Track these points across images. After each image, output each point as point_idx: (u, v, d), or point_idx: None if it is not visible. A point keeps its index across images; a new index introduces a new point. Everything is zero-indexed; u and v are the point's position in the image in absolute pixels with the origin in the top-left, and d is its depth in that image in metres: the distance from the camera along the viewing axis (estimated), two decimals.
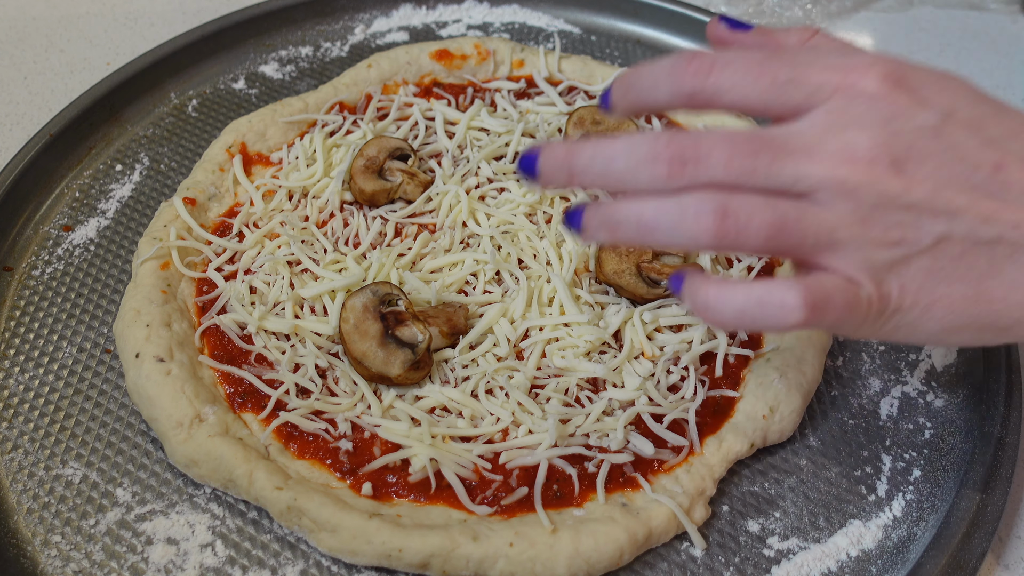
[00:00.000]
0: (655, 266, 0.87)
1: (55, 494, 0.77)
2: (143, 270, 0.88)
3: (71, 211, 1.01)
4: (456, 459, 0.76)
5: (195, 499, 0.77)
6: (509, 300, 0.87)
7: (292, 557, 0.74)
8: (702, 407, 0.81)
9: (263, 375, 0.82)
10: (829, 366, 0.88)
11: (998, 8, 1.38)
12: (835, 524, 0.77)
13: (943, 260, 0.54)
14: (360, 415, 0.80)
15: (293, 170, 1.01)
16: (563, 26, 1.29)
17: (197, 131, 1.12)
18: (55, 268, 0.95)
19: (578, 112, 1.03)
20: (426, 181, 0.98)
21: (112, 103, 1.11)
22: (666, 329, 0.87)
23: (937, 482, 0.80)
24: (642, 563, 0.74)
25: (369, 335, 0.80)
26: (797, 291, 0.53)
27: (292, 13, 1.26)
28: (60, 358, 0.87)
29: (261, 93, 1.17)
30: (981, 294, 0.55)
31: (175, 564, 0.73)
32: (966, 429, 0.83)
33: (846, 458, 0.81)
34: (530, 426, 0.79)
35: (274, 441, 0.78)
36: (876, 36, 1.35)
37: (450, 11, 1.30)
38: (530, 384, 0.82)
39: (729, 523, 0.77)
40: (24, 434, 0.81)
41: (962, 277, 0.55)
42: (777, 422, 0.80)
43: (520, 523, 0.72)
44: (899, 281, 0.55)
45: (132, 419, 0.83)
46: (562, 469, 0.76)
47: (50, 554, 0.73)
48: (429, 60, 1.15)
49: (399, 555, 0.70)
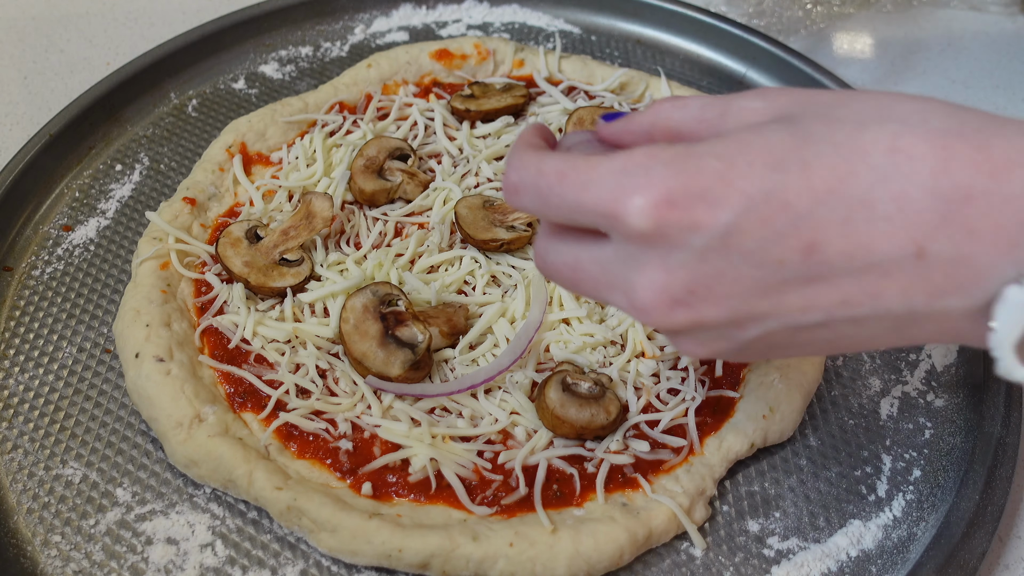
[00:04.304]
0: None
1: (55, 494, 0.77)
2: (143, 270, 0.88)
3: (71, 211, 1.01)
4: (456, 459, 0.76)
5: (195, 499, 0.77)
6: (509, 300, 0.87)
7: (292, 557, 0.74)
8: (702, 407, 0.81)
9: (263, 375, 0.82)
10: (829, 366, 0.88)
11: (998, 9, 1.38)
12: (835, 524, 0.77)
13: (778, 340, 0.53)
14: (360, 415, 0.80)
15: (293, 170, 1.01)
16: (563, 26, 1.29)
17: (197, 131, 1.12)
18: (55, 268, 0.95)
19: (578, 112, 1.03)
20: (426, 181, 0.98)
21: (112, 103, 1.11)
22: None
23: (937, 482, 0.80)
24: (642, 563, 0.74)
25: (369, 335, 0.80)
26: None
27: (292, 13, 1.26)
28: (60, 358, 0.87)
29: (261, 93, 1.17)
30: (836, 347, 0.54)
31: (175, 564, 0.73)
32: (966, 429, 0.83)
33: (846, 458, 0.81)
34: (529, 426, 0.79)
35: (274, 441, 0.78)
36: (876, 36, 1.35)
37: (450, 11, 1.30)
38: (530, 384, 0.82)
39: (729, 523, 0.77)
40: (24, 434, 0.81)
41: (808, 345, 0.53)
42: (777, 422, 0.80)
43: (520, 523, 0.72)
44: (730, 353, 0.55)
45: (132, 419, 0.83)
46: (562, 469, 0.76)
47: (50, 554, 0.73)
48: (429, 60, 1.15)
49: (399, 555, 0.70)
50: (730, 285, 0.50)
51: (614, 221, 0.51)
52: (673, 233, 0.49)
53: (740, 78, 1.21)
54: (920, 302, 0.48)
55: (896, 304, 0.48)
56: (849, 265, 0.48)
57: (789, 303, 0.50)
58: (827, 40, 1.33)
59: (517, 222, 0.91)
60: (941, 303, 0.47)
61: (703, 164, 0.49)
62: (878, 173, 0.46)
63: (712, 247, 0.49)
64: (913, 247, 0.46)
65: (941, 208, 0.45)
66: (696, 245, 0.49)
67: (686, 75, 1.21)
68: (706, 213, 0.48)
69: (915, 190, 0.46)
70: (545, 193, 0.54)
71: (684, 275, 0.51)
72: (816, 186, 0.47)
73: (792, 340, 0.53)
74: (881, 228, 0.46)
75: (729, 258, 0.49)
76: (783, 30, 1.33)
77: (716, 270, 0.50)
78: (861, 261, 0.47)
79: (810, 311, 0.50)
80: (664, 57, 1.24)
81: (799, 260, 0.48)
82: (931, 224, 0.46)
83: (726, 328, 0.52)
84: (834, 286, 0.49)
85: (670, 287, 0.51)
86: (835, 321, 0.50)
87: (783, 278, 0.49)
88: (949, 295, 0.47)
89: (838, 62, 1.29)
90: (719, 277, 0.50)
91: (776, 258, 0.48)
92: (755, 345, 0.54)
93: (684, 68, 1.23)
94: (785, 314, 0.50)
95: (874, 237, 0.47)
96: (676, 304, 0.51)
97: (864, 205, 0.47)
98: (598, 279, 0.55)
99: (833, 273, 0.48)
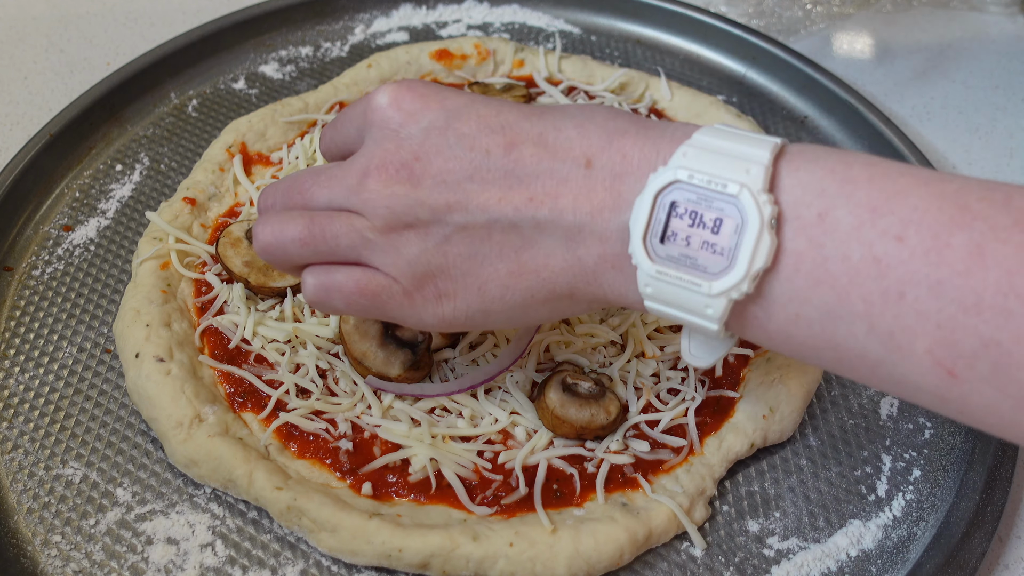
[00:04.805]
0: None
1: (55, 494, 0.77)
2: (143, 270, 0.88)
3: (71, 211, 1.01)
4: (456, 459, 0.76)
5: (195, 499, 0.77)
6: None
7: (292, 557, 0.74)
8: (702, 407, 0.81)
9: (263, 375, 0.82)
10: None
11: (998, 9, 1.39)
12: (835, 524, 0.77)
13: (476, 244, 0.60)
14: (360, 415, 0.80)
15: (293, 170, 1.01)
16: (563, 26, 1.29)
17: (197, 131, 1.12)
18: (55, 268, 0.95)
19: None
20: None
21: (112, 103, 1.11)
22: (666, 329, 0.87)
23: (937, 482, 0.80)
24: (642, 563, 0.74)
25: (369, 335, 0.80)
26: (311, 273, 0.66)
27: (292, 13, 1.26)
28: (60, 358, 0.87)
29: (261, 93, 1.17)
30: (523, 266, 0.60)
31: (175, 564, 0.73)
32: (966, 429, 0.83)
33: (846, 458, 0.81)
34: (529, 426, 0.79)
35: (274, 441, 0.78)
36: (876, 36, 1.35)
37: (450, 11, 1.30)
38: (530, 384, 0.82)
39: (729, 523, 0.77)
40: (24, 434, 0.81)
41: (500, 255, 0.60)
42: (777, 422, 0.80)
43: (520, 523, 0.72)
44: (438, 270, 0.62)
45: (132, 419, 0.83)
46: (562, 469, 0.76)
47: (50, 554, 0.73)
48: (429, 60, 1.15)
49: (399, 555, 0.70)
50: (446, 160, 0.59)
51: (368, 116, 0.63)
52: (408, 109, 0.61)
53: (740, 78, 1.21)
54: (584, 215, 0.57)
55: (568, 211, 0.57)
56: (537, 167, 0.58)
57: (488, 192, 0.59)
58: (827, 40, 1.33)
59: None
60: (600, 218, 0.57)
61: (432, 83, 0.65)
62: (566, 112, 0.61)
63: (437, 127, 0.60)
64: (584, 158, 0.57)
65: (607, 136, 0.58)
66: (424, 123, 0.60)
67: (686, 75, 1.21)
68: (442, 98, 0.61)
69: (592, 125, 0.59)
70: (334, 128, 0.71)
71: (413, 144, 0.60)
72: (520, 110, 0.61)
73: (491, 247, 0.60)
74: (564, 143, 0.58)
75: (448, 137, 0.60)
76: (783, 30, 1.33)
77: (437, 145, 0.60)
78: (547, 164, 0.58)
79: (504, 203, 0.58)
80: (664, 57, 1.24)
81: (501, 155, 0.59)
82: (599, 146, 0.58)
83: (433, 208, 0.60)
84: (525, 185, 0.58)
85: (400, 152, 0.60)
86: (523, 222, 0.58)
87: (488, 168, 0.59)
88: (607, 210, 0.56)
89: (838, 62, 1.29)
90: (439, 152, 0.60)
91: (483, 147, 0.59)
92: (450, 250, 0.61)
93: (684, 68, 1.23)
94: (484, 202, 0.59)
95: (559, 147, 0.58)
96: (402, 168, 0.60)
97: (555, 127, 0.59)
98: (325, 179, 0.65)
99: (525, 173, 0.58)
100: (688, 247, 0.53)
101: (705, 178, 0.53)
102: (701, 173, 0.53)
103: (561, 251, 0.59)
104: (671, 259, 0.54)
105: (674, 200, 0.53)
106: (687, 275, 0.54)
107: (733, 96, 1.18)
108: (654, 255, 0.54)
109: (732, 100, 1.18)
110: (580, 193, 0.57)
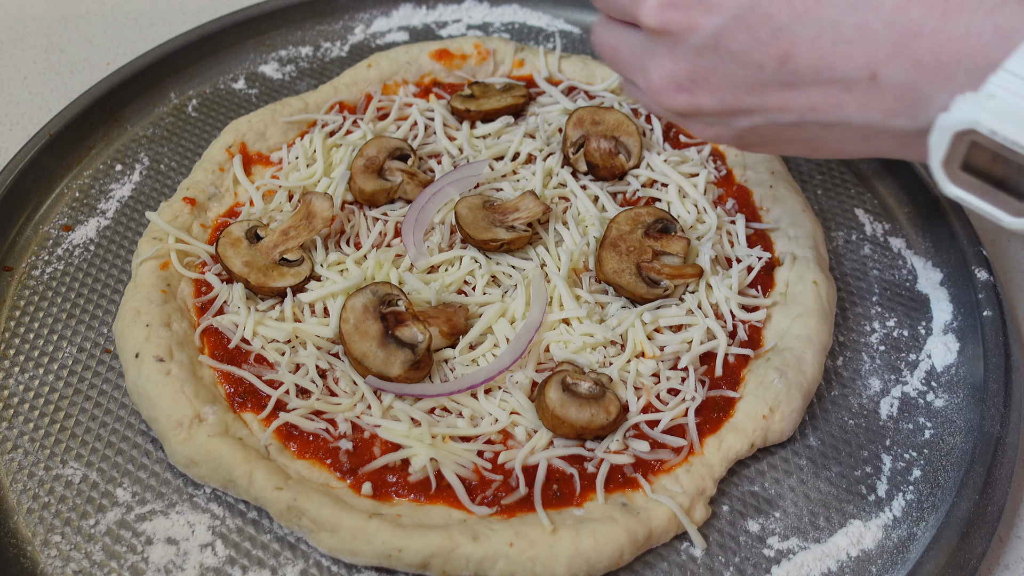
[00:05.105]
0: (655, 266, 0.87)
1: (55, 494, 0.77)
2: (143, 270, 0.88)
3: (71, 211, 1.01)
4: (456, 459, 0.76)
5: (195, 499, 0.77)
6: (509, 300, 0.87)
7: (292, 557, 0.74)
8: (702, 407, 0.81)
9: (263, 375, 0.82)
10: (829, 366, 0.88)
11: None
12: (835, 524, 0.77)
13: (765, 135, 0.64)
14: (360, 415, 0.80)
15: (293, 170, 1.01)
16: (563, 26, 1.29)
17: (197, 131, 1.12)
18: (55, 268, 0.95)
19: (578, 112, 1.03)
20: (426, 181, 0.98)
21: (112, 103, 1.11)
22: (666, 329, 0.87)
23: (937, 482, 0.80)
24: (642, 563, 0.74)
25: (369, 335, 0.80)
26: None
27: (292, 13, 1.26)
28: (60, 358, 0.87)
29: (261, 93, 1.17)
30: (817, 148, 0.64)
31: (175, 564, 0.73)
32: (966, 429, 0.83)
33: (846, 458, 0.81)
34: (529, 426, 0.79)
35: (274, 441, 0.78)
36: None
37: (450, 11, 1.30)
38: (530, 384, 0.82)
39: (729, 523, 0.77)
40: (24, 434, 0.81)
41: (792, 141, 0.64)
42: (777, 422, 0.80)
43: (520, 523, 0.72)
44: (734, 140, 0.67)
45: (132, 419, 0.83)
46: (562, 469, 0.76)
47: (50, 554, 0.73)
48: (429, 60, 1.15)
49: (399, 555, 0.70)
50: (721, 79, 0.61)
51: (635, 17, 0.64)
52: (675, 30, 0.61)
53: None
54: (875, 118, 0.56)
55: (856, 117, 0.57)
56: (815, 77, 0.57)
57: (769, 102, 0.60)
58: None
59: (517, 222, 0.91)
60: (893, 122, 0.56)
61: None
62: (849, 2, 0.55)
63: (707, 45, 0.60)
64: (868, 70, 0.55)
65: (895, 40, 0.53)
66: (694, 42, 0.61)
67: None
68: (701, 16, 0.60)
69: (876, 22, 0.54)
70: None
71: (686, 65, 0.62)
72: (796, 5, 0.56)
73: (777, 136, 0.64)
74: (843, 50, 0.55)
75: (720, 56, 0.60)
76: None
77: (710, 64, 0.61)
78: (825, 75, 0.56)
79: (786, 111, 0.60)
80: None
81: (775, 66, 0.58)
82: (885, 52, 0.54)
83: (722, 116, 0.64)
84: (803, 93, 0.58)
85: (675, 73, 0.63)
86: (808, 123, 0.60)
87: (762, 80, 0.59)
88: (899, 115, 0.55)
89: None
90: (712, 71, 0.61)
91: (756, 61, 0.59)
92: (748, 135, 0.65)
93: None
94: (767, 111, 0.61)
95: (837, 56, 0.55)
96: (680, 88, 0.64)
97: (832, 27, 0.55)
98: (628, 60, 0.69)
99: (802, 81, 0.58)
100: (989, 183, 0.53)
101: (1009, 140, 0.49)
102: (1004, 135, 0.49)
103: (855, 142, 0.60)
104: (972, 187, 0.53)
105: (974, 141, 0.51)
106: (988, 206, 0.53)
107: None
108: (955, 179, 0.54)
109: None
110: (867, 101, 0.56)
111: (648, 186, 1.00)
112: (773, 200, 0.99)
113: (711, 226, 0.94)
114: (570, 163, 1.01)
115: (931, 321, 0.92)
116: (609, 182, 1.01)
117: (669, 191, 0.98)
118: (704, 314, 0.87)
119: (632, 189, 1.00)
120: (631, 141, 1.02)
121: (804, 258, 0.92)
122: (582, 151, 1.01)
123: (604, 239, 0.90)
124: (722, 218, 0.96)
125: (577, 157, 1.01)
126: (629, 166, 1.01)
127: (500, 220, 0.91)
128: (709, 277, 0.89)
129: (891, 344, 0.90)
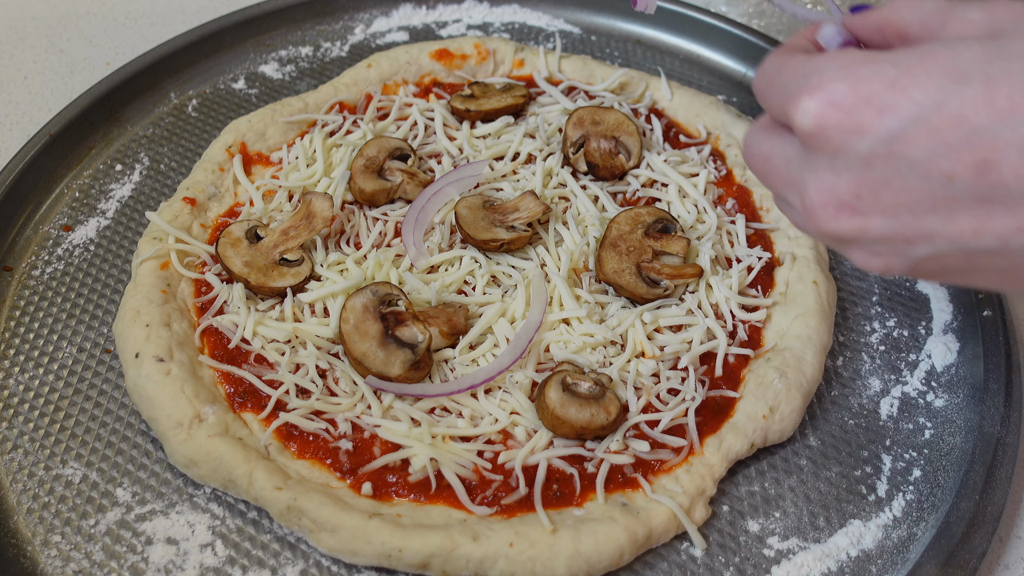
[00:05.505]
0: (655, 266, 0.87)
1: (55, 494, 0.77)
2: (143, 270, 0.88)
3: (71, 211, 1.01)
4: (456, 459, 0.76)
5: (195, 499, 0.77)
6: (509, 300, 0.87)
7: (292, 557, 0.74)
8: (702, 407, 0.81)
9: (263, 375, 0.82)
10: (829, 366, 0.88)
11: None
12: (835, 524, 0.77)
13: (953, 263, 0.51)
14: (360, 415, 0.80)
15: (293, 170, 1.01)
16: (563, 26, 1.29)
17: (197, 131, 1.12)
18: (55, 268, 0.95)
19: (578, 112, 1.03)
20: (426, 181, 0.98)
21: (112, 103, 1.11)
22: (666, 329, 0.87)
23: (937, 482, 0.80)
24: (642, 563, 0.74)
25: (369, 335, 0.80)
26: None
27: (292, 13, 1.26)
28: (60, 358, 0.87)
29: (261, 93, 1.17)
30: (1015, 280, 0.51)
31: (175, 564, 0.73)
32: (966, 429, 0.83)
33: (846, 458, 0.81)
34: (529, 426, 0.79)
35: (274, 441, 0.78)
36: None
37: (450, 11, 1.30)
38: (530, 384, 0.82)
39: (729, 523, 0.77)
40: (24, 434, 0.81)
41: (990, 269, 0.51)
42: (777, 422, 0.80)
43: (520, 523, 0.72)
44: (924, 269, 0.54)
45: (132, 419, 0.83)
46: (562, 469, 0.76)
47: (50, 554, 0.73)
48: (429, 60, 1.15)
49: (399, 555, 0.70)
50: (896, 195, 0.49)
51: (788, 118, 0.52)
52: (835, 136, 0.49)
53: (740, 78, 1.21)
54: None
55: None
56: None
57: (960, 224, 0.48)
58: None
59: (517, 222, 0.91)
60: None
61: (877, 70, 0.48)
62: None
63: (878, 153, 0.48)
64: None
65: None
66: (860, 150, 0.49)
67: (686, 75, 1.21)
68: (872, 118, 0.48)
69: None
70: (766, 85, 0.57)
71: (850, 178, 0.50)
72: (998, 102, 0.45)
73: (969, 264, 0.51)
74: None
75: (895, 166, 0.48)
76: (783, 30, 1.33)
77: (882, 177, 0.49)
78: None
79: (983, 235, 0.48)
80: (664, 57, 1.24)
81: (971, 177, 0.46)
82: None
83: (895, 242, 0.51)
84: (1010, 211, 0.46)
85: (836, 188, 0.51)
86: (1011, 250, 0.48)
87: (953, 195, 0.47)
88: None
89: None
90: (885, 185, 0.49)
91: (945, 172, 0.47)
92: (929, 264, 0.52)
93: (684, 68, 1.23)
94: (956, 235, 0.49)
95: None
96: (841, 207, 0.51)
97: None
98: (781, 174, 0.57)
99: (1009, 197, 0.45)
100: None
101: None
102: None
103: None
104: None
105: None
106: None
107: (733, 96, 1.18)
108: None
109: (732, 100, 1.17)
110: None
111: (648, 186, 1.00)
112: (773, 200, 0.99)
113: (711, 226, 0.94)
114: (570, 163, 1.01)
115: (931, 321, 0.92)
116: (609, 182, 1.01)
117: (669, 191, 0.98)
118: (704, 314, 0.87)
119: (632, 189, 1.00)
120: (631, 141, 1.02)
121: (804, 258, 0.92)
122: (582, 151, 1.01)
123: (604, 239, 0.90)
124: (722, 218, 0.96)
125: (577, 157, 1.01)
126: (629, 166, 1.01)
127: (500, 220, 0.91)
128: (709, 277, 0.89)
129: (891, 344, 0.90)
